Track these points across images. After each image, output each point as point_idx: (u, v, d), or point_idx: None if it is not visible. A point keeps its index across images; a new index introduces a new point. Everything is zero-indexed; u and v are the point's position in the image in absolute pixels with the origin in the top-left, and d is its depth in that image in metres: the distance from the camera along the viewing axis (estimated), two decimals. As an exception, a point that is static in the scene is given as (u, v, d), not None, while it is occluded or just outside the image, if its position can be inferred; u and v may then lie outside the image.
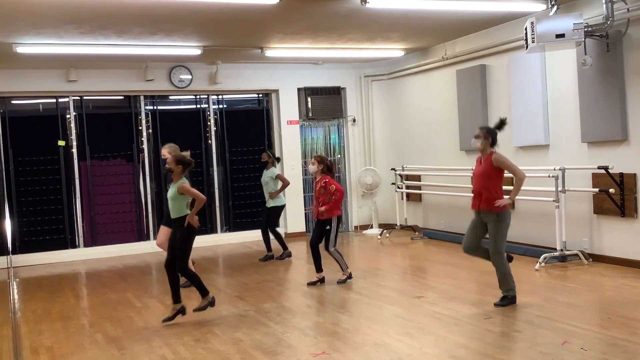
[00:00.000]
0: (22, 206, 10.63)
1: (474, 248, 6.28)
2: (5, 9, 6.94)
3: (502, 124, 6.22)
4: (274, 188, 9.49)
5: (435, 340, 5.27)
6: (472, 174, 6.33)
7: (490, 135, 6.14)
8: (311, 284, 7.73)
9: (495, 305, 6.14)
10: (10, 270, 9.87)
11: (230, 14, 7.72)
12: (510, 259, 6.36)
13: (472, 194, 6.30)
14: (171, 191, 6.34)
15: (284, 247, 9.66)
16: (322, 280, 7.74)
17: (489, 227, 6.13)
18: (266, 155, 9.68)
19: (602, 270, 7.61)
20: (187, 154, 8.08)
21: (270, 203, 9.54)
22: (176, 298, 6.29)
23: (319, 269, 7.76)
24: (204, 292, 6.33)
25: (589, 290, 6.71)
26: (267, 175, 9.57)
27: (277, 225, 9.75)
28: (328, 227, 7.64)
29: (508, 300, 6.17)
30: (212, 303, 6.38)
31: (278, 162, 9.89)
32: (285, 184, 9.55)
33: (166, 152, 8.01)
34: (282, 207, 9.67)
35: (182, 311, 6.29)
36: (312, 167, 7.77)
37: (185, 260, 6.24)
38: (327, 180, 7.63)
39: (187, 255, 6.31)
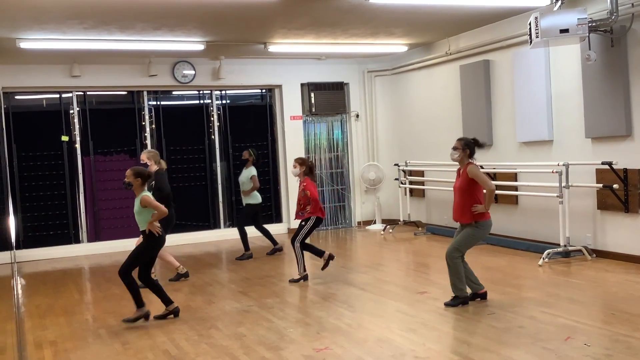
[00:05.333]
0: (25, 201, 10.65)
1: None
2: (8, 4, 6.94)
3: (478, 144, 6.22)
4: (249, 188, 9.50)
5: (438, 336, 5.27)
6: (452, 187, 6.33)
7: (467, 147, 6.12)
8: (325, 267, 7.81)
9: (446, 305, 6.08)
10: (14, 265, 9.90)
11: (234, 9, 7.71)
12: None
13: (453, 206, 6.24)
14: (135, 205, 6.19)
15: (246, 248, 9.56)
16: (331, 257, 7.82)
17: (464, 230, 6.10)
18: (247, 153, 9.59)
19: (606, 266, 7.60)
20: (164, 163, 8.10)
21: (246, 201, 9.54)
22: (166, 301, 6.26)
23: (320, 254, 7.80)
24: (139, 302, 6.18)
25: (593, 286, 6.71)
26: (245, 175, 9.53)
27: (248, 224, 9.61)
28: (303, 223, 7.68)
29: (460, 300, 6.09)
30: (146, 316, 6.21)
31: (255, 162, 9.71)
32: (255, 186, 9.46)
33: (145, 157, 7.94)
34: (258, 205, 9.62)
35: (175, 313, 6.27)
36: (295, 170, 7.78)
37: (131, 266, 6.13)
38: (305, 184, 7.66)
39: (136, 263, 6.18)
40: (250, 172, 9.51)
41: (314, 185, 7.77)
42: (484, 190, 6.05)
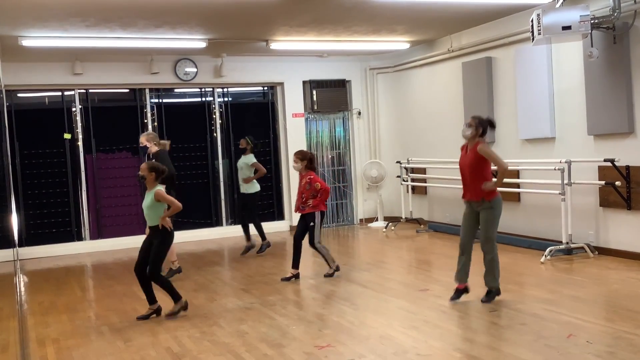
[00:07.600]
0: (28, 199, 10.67)
1: (470, 243, 6.23)
2: (11, 2, 6.94)
3: (492, 125, 6.24)
4: (248, 175, 9.38)
5: (441, 333, 5.27)
6: (458, 163, 6.32)
7: (481, 126, 6.08)
8: (285, 279, 7.62)
9: (482, 301, 6.07)
10: (16, 262, 9.91)
11: (236, 6, 7.70)
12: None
13: (462, 184, 6.26)
14: (147, 200, 6.16)
15: (263, 238, 9.51)
16: (296, 277, 7.65)
17: (481, 215, 6.09)
18: (244, 141, 9.50)
19: (608, 263, 7.59)
20: (166, 142, 8.13)
21: (244, 189, 9.44)
22: (151, 299, 6.23)
23: (295, 265, 7.68)
24: (176, 297, 6.20)
25: (595, 284, 6.70)
26: (243, 161, 9.44)
27: (256, 213, 9.62)
28: (312, 223, 7.60)
29: (493, 294, 6.10)
30: (185, 307, 6.25)
31: (255, 149, 9.61)
32: (261, 172, 9.40)
33: (144, 139, 7.86)
34: (256, 193, 9.51)
35: (157, 312, 6.24)
36: (297, 166, 7.61)
37: (157, 267, 6.15)
38: (312, 177, 7.56)
39: (160, 263, 6.21)
40: (249, 159, 9.40)
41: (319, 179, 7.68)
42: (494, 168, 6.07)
